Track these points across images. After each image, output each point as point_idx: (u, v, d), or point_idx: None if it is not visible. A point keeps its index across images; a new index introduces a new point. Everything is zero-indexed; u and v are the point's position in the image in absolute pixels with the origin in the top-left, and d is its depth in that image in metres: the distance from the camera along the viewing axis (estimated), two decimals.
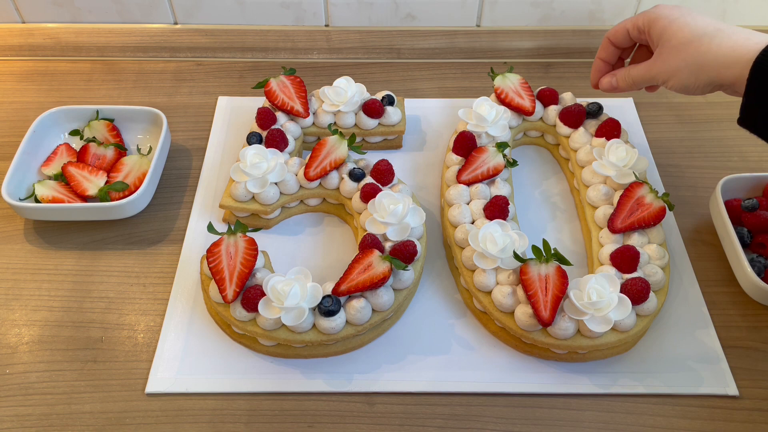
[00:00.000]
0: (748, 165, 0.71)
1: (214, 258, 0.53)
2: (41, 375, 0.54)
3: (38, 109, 0.70)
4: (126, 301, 0.59)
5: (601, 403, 0.52)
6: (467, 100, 0.72)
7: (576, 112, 0.66)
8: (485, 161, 0.62)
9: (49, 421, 0.51)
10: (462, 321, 0.58)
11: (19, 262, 0.62)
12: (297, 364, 0.54)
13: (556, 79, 0.81)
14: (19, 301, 0.59)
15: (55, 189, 0.64)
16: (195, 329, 0.56)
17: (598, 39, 0.83)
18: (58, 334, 0.56)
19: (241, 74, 0.81)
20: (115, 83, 0.80)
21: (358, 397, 0.53)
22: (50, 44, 0.83)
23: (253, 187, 0.61)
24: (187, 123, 0.75)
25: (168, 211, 0.66)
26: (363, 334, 0.55)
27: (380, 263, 0.53)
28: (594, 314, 0.51)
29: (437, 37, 0.83)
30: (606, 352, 0.54)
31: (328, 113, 0.68)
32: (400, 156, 0.71)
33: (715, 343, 0.56)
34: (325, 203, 0.65)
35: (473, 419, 0.51)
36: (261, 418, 0.52)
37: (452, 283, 0.60)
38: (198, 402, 0.52)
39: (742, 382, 0.53)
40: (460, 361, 0.55)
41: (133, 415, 0.52)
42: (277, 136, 0.64)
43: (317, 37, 0.83)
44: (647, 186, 0.58)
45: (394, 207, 0.56)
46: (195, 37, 0.83)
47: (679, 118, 0.76)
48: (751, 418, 0.51)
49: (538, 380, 0.53)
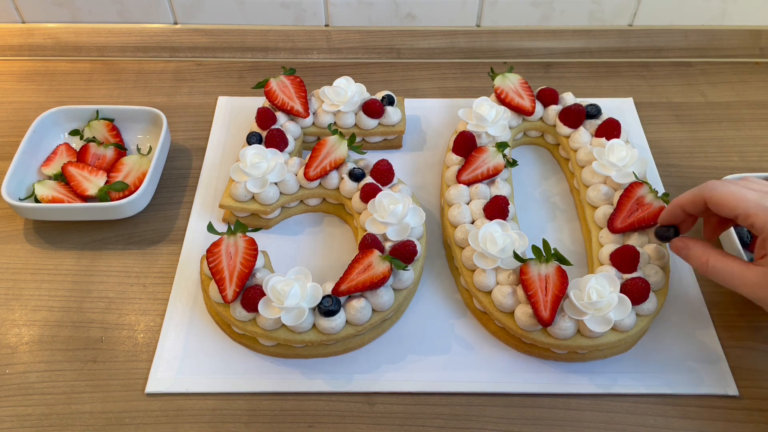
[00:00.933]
0: (748, 165, 0.71)
1: (214, 258, 0.53)
2: (41, 375, 0.54)
3: (38, 109, 0.70)
4: (126, 301, 0.59)
5: (601, 403, 0.52)
6: (467, 100, 0.72)
7: (576, 112, 0.66)
8: (485, 161, 0.62)
9: (49, 421, 0.51)
10: (462, 321, 0.58)
11: (19, 262, 0.62)
12: (297, 364, 0.54)
13: (556, 79, 0.81)
14: (19, 301, 0.59)
15: (55, 189, 0.64)
16: (195, 329, 0.56)
17: (598, 39, 0.83)
18: (57, 334, 0.56)
19: (241, 74, 0.81)
20: (115, 83, 0.80)
21: (358, 397, 0.53)
22: (50, 44, 0.83)
23: (253, 187, 0.61)
24: (187, 123, 0.75)
25: (168, 211, 0.66)
26: (363, 334, 0.55)
27: (380, 263, 0.53)
28: (594, 314, 0.51)
29: (437, 37, 0.83)
30: (606, 352, 0.54)
31: (328, 113, 0.68)
32: (400, 156, 0.71)
33: (715, 343, 0.56)
34: (325, 203, 0.65)
35: (473, 419, 0.51)
36: (261, 418, 0.52)
37: (452, 283, 0.60)
38: (198, 402, 0.52)
39: (742, 382, 0.53)
40: (460, 361, 0.55)
41: (133, 415, 0.52)
42: (277, 136, 0.64)
43: (317, 37, 0.83)
44: (647, 186, 0.58)
45: (394, 207, 0.56)
46: (195, 37, 0.83)
47: (679, 118, 0.76)
48: (751, 418, 0.51)
49: (538, 380, 0.53)
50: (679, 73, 0.82)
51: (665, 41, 0.83)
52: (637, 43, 0.83)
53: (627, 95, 0.78)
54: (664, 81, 0.80)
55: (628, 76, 0.81)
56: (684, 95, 0.79)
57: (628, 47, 0.83)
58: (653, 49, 0.83)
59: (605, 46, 0.83)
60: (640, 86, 0.80)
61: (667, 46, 0.83)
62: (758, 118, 0.76)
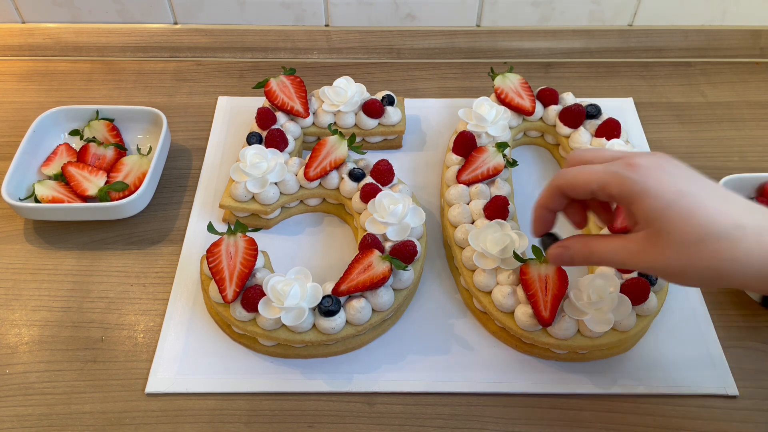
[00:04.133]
0: (748, 165, 0.71)
1: (214, 258, 0.53)
2: (41, 375, 0.54)
3: (38, 109, 0.70)
4: (126, 301, 0.59)
5: (601, 403, 0.52)
6: (467, 100, 0.72)
7: (576, 112, 0.66)
8: (485, 161, 0.62)
9: (49, 421, 0.51)
10: (462, 321, 0.58)
11: (19, 262, 0.62)
12: (297, 364, 0.54)
13: (556, 79, 0.81)
14: (19, 301, 0.59)
15: (55, 189, 0.64)
16: (195, 329, 0.56)
17: (598, 39, 0.83)
18: (57, 334, 0.56)
19: (241, 74, 0.81)
20: (115, 83, 0.80)
21: (358, 397, 0.53)
22: (50, 44, 0.83)
23: (253, 187, 0.61)
24: (187, 123, 0.75)
25: (168, 211, 0.66)
26: (363, 334, 0.55)
27: (380, 263, 0.53)
28: (594, 314, 0.51)
29: (437, 37, 0.83)
30: (606, 352, 0.54)
31: (328, 113, 0.68)
32: (400, 156, 0.71)
33: (715, 343, 0.56)
34: (325, 203, 0.65)
35: (473, 419, 0.51)
36: (261, 418, 0.52)
37: (452, 283, 0.60)
38: (198, 402, 0.52)
39: (742, 382, 0.53)
40: (460, 361, 0.55)
41: (133, 415, 0.52)
42: (277, 136, 0.64)
43: (317, 37, 0.83)
44: None
45: (394, 207, 0.56)
46: (195, 37, 0.83)
47: (679, 118, 0.76)
48: (751, 418, 0.51)
49: (538, 380, 0.53)
50: (679, 73, 0.82)
51: (665, 41, 0.83)
52: (637, 43, 0.83)
53: (627, 95, 0.78)
54: (664, 81, 0.80)
55: (628, 76, 0.81)
56: (684, 95, 0.79)
57: (628, 47, 0.83)
58: (653, 49, 0.83)
59: (605, 46, 0.83)
60: (640, 86, 0.80)
61: (667, 46, 0.83)
62: (758, 118, 0.76)
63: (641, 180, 0.39)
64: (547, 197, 0.46)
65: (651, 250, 0.40)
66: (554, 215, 0.47)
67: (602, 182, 0.41)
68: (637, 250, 0.41)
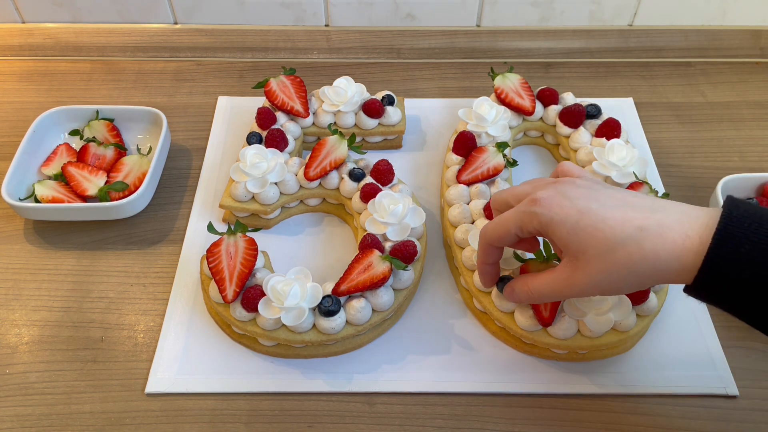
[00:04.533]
0: (748, 165, 0.71)
1: (214, 258, 0.53)
2: (41, 375, 0.54)
3: (38, 109, 0.70)
4: (126, 301, 0.59)
5: (601, 403, 0.52)
6: (467, 100, 0.72)
7: (576, 112, 0.66)
8: (485, 161, 0.62)
9: (49, 421, 0.51)
10: (462, 321, 0.58)
11: (19, 262, 0.62)
12: (297, 364, 0.54)
13: (556, 79, 0.81)
14: (19, 301, 0.59)
15: (55, 189, 0.64)
16: (195, 329, 0.56)
17: (598, 39, 0.83)
18: (57, 334, 0.56)
19: (241, 74, 0.81)
20: (115, 83, 0.80)
21: (358, 397, 0.53)
22: (50, 44, 0.83)
23: (253, 187, 0.61)
24: (187, 123, 0.75)
25: (168, 211, 0.66)
26: (363, 334, 0.55)
27: (380, 263, 0.53)
28: (594, 314, 0.51)
29: (437, 37, 0.83)
30: (606, 352, 0.54)
31: (328, 113, 0.68)
32: (400, 156, 0.71)
33: (715, 343, 0.56)
34: (325, 203, 0.65)
35: (473, 419, 0.51)
36: (261, 418, 0.52)
37: (452, 283, 0.60)
38: (198, 402, 0.52)
39: (742, 382, 0.53)
40: (460, 361, 0.55)
41: (133, 415, 0.52)
42: (277, 136, 0.64)
43: (317, 37, 0.83)
44: (647, 186, 0.58)
45: (394, 207, 0.56)
46: (195, 37, 0.83)
47: (679, 118, 0.76)
48: (751, 418, 0.51)
49: (538, 380, 0.53)
50: (679, 73, 0.82)
51: (665, 41, 0.83)
52: (637, 43, 0.83)
53: (627, 95, 0.78)
54: (664, 81, 0.80)
55: (628, 76, 0.81)
56: (684, 95, 0.79)
57: (628, 47, 0.83)
58: (653, 49, 0.83)
59: (605, 46, 0.83)
60: (640, 86, 0.80)
61: (667, 46, 0.83)
62: (758, 118, 0.76)
63: (545, 212, 0.42)
64: (483, 255, 0.49)
65: (576, 273, 0.42)
66: (497, 265, 0.51)
67: (518, 224, 0.44)
68: (566, 277, 0.43)
